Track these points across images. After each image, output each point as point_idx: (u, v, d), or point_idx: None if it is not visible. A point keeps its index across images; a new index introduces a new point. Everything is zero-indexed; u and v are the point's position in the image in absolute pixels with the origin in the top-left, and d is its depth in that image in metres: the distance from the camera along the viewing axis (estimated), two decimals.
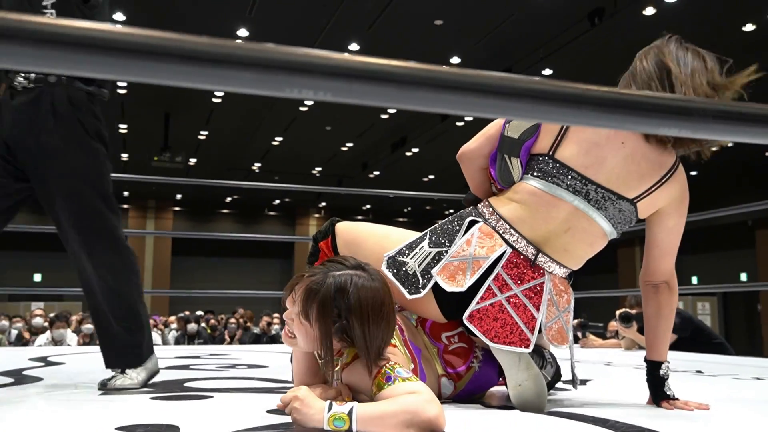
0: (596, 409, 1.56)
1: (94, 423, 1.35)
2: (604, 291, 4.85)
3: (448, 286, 1.57)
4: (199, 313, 10.31)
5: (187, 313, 9.68)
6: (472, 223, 1.65)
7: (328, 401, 1.23)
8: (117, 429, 1.25)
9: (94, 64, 0.41)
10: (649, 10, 7.40)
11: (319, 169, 15.38)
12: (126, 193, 18.18)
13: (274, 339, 8.42)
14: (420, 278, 1.61)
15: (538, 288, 1.58)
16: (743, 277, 15.74)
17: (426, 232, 1.70)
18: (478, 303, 1.55)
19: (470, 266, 1.57)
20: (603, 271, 19.38)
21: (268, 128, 12.13)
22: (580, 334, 4.54)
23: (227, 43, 0.43)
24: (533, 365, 1.51)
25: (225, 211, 20.06)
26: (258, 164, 15.02)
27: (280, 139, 12.88)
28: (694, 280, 16.21)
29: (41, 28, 0.41)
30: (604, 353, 3.97)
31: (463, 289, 1.56)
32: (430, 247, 1.64)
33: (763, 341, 14.43)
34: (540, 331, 1.56)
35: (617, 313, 4.27)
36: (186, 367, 2.62)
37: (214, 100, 10.56)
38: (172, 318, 10.28)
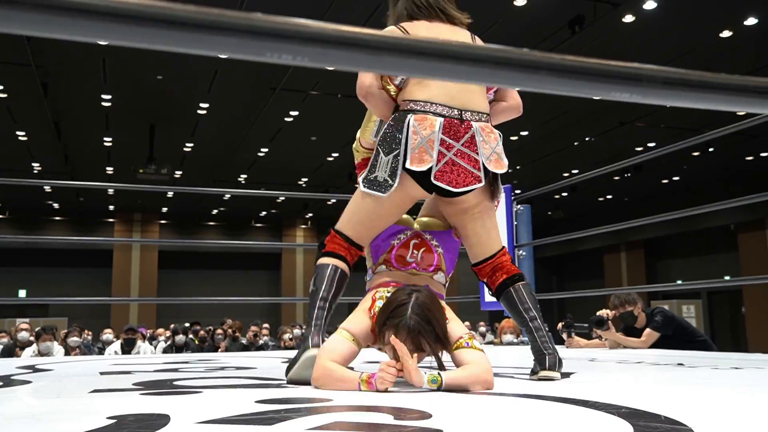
0: (578, 392, 1.61)
1: (84, 414, 1.37)
2: (588, 291, 4.91)
3: (423, 167, 2.00)
4: (187, 324, 10.25)
5: (173, 326, 9.63)
6: (404, 117, 2.04)
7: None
8: (108, 418, 1.28)
9: (89, 29, 0.46)
10: (629, 18, 7.53)
11: (305, 179, 15.41)
12: (111, 207, 18.10)
13: (262, 349, 8.40)
14: (389, 178, 2.05)
15: (472, 138, 2.04)
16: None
17: (377, 148, 2.10)
18: (437, 164, 2.01)
19: (427, 146, 2.01)
20: (590, 277, 19.55)
21: (254, 139, 12.14)
22: (565, 335, 4.56)
23: (213, 10, 0.48)
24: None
25: (211, 223, 20.01)
26: (244, 176, 15.02)
27: (265, 150, 12.90)
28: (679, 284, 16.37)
29: None
30: (589, 352, 4.02)
31: (434, 162, 2.00)
32: (386, 155, 2.07)
33: (747, 343, 14.57)
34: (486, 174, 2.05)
35: (591, 319, 4.30)
36: (175, 370, 2.63)
37: (199, 111, 10.56)
38: (160, 330, 10.23)
